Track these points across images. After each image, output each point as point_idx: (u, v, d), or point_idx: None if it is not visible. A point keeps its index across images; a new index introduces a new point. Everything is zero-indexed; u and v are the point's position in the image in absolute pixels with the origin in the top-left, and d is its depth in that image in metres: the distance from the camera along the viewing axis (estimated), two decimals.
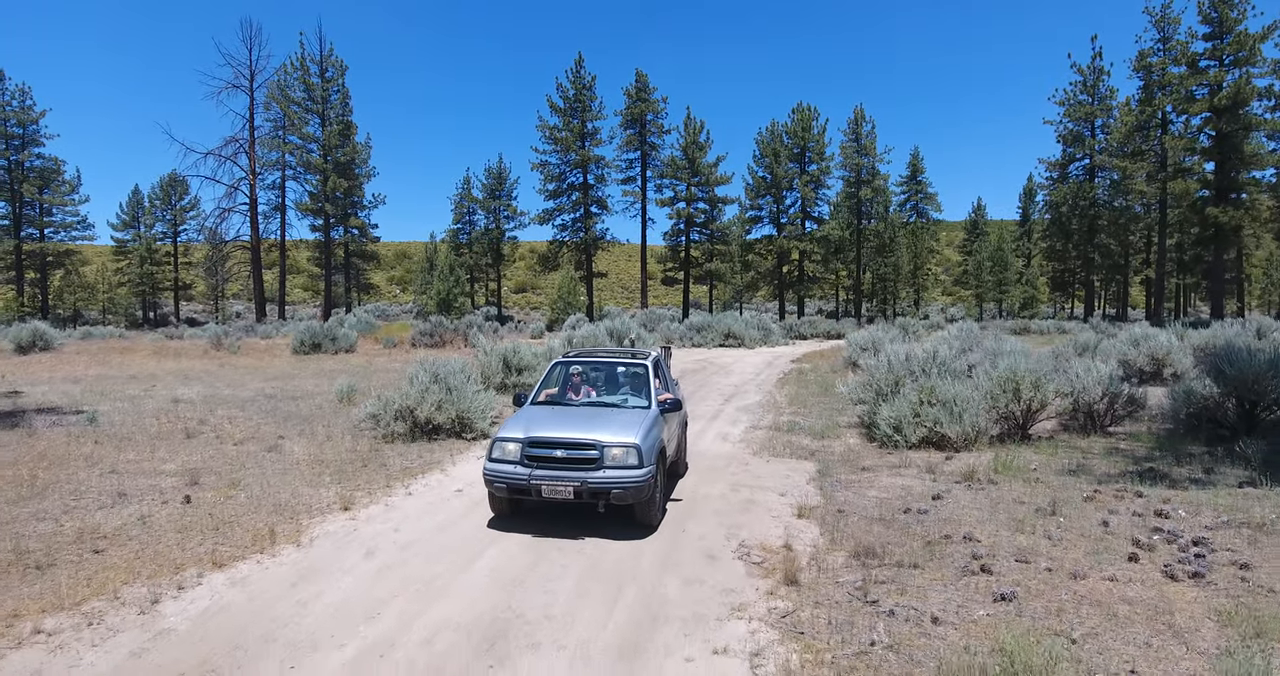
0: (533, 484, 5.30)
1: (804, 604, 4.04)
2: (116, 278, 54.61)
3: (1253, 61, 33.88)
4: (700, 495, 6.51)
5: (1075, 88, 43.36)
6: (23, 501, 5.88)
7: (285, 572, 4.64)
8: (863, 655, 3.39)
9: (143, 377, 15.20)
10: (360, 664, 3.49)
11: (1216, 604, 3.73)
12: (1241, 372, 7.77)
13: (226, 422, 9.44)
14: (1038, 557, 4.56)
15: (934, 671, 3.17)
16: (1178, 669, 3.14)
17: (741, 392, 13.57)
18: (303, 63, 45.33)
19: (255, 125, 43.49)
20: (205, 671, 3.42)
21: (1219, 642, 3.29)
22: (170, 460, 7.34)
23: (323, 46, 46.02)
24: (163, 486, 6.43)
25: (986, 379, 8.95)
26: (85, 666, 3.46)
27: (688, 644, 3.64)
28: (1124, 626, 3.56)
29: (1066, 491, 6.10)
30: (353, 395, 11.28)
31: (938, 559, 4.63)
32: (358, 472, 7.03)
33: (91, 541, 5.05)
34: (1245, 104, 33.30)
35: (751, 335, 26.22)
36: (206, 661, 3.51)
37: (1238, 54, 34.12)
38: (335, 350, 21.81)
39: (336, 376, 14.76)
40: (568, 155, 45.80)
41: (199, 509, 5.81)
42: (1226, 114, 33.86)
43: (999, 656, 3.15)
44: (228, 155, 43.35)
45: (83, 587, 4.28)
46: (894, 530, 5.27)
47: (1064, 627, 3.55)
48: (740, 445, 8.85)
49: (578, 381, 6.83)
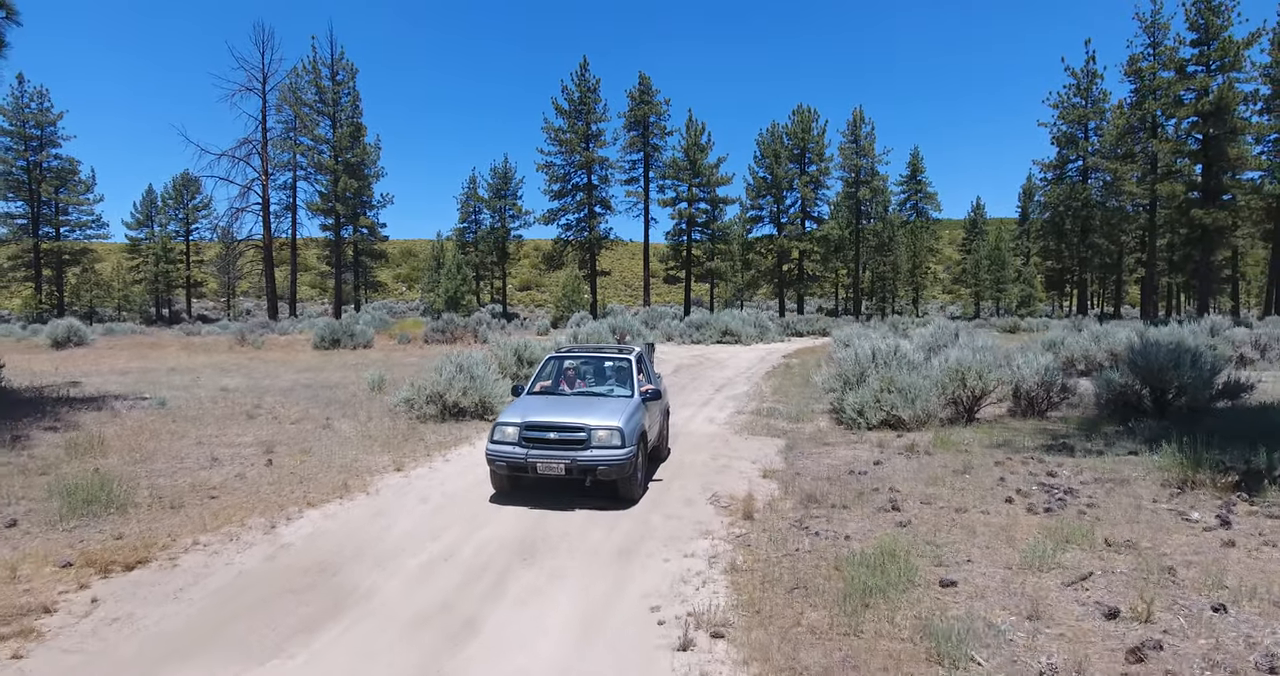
0: (529, 461, 6.17)
1: (754, 530, 5.49)
2: (131, 275, 56.26)
3: (1238, 67, 35.15)
4: (686, 462, 7.97)
5: (1069, 90, 44.67)
6: (138, 464, 7.36)
7: (362, 511, 6.12)
8: (788, 556, 4.84)
9: (182, 370, 16.70)
10: (432, 565, 4.95)
11: (1050, 526, 5.16)
12: (1149, 364, 9.18)
13: (278, 407, 10.92)
14: (938, 501, 6.01)
15: (833, 560, 4.62)
16: (999, 557, 4.59)
17: (731, 384, 15.03)
18: (314, 66, 46.76)
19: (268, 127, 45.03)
20: (321, 568, 4.89)
21: (1035, 545, 4.72)
22: (244, 435, 8.84)
23: (333, 50, 47.45)
24: (245, 454, 7.91)
25: (939, 370, 10.39)
26: (237, 564, 4.93)
27: (666, 551, 5.10)
28: (977, 537, 5.00)
29: (984, 459, 7.53)
30: (382, 385, 12.76)
31: (862, 502, 6.08)
32: (401, 444, 8.52)
33: (205, 491, 6.53)
34: (1230, 109, 34.55)
35: (748, 332, 27.66)
36: (320, 562, 4.98)
37: (1223, 59, 35.36)
38: (354, 346, 23.31)
39: (361, 369, 16.25)
40: (572, 156, 47.26)
41: (281, 469, 7.29)
42: (1213, 118, 35.12)
43: (879, 552, 4.60)
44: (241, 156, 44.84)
45: (214, 519, 5.75)
46: (835, 485, 6.71)
47: (935, 539, 5.00)
48: (724, 426, 10.31)
49: (570, 374, 7.85)
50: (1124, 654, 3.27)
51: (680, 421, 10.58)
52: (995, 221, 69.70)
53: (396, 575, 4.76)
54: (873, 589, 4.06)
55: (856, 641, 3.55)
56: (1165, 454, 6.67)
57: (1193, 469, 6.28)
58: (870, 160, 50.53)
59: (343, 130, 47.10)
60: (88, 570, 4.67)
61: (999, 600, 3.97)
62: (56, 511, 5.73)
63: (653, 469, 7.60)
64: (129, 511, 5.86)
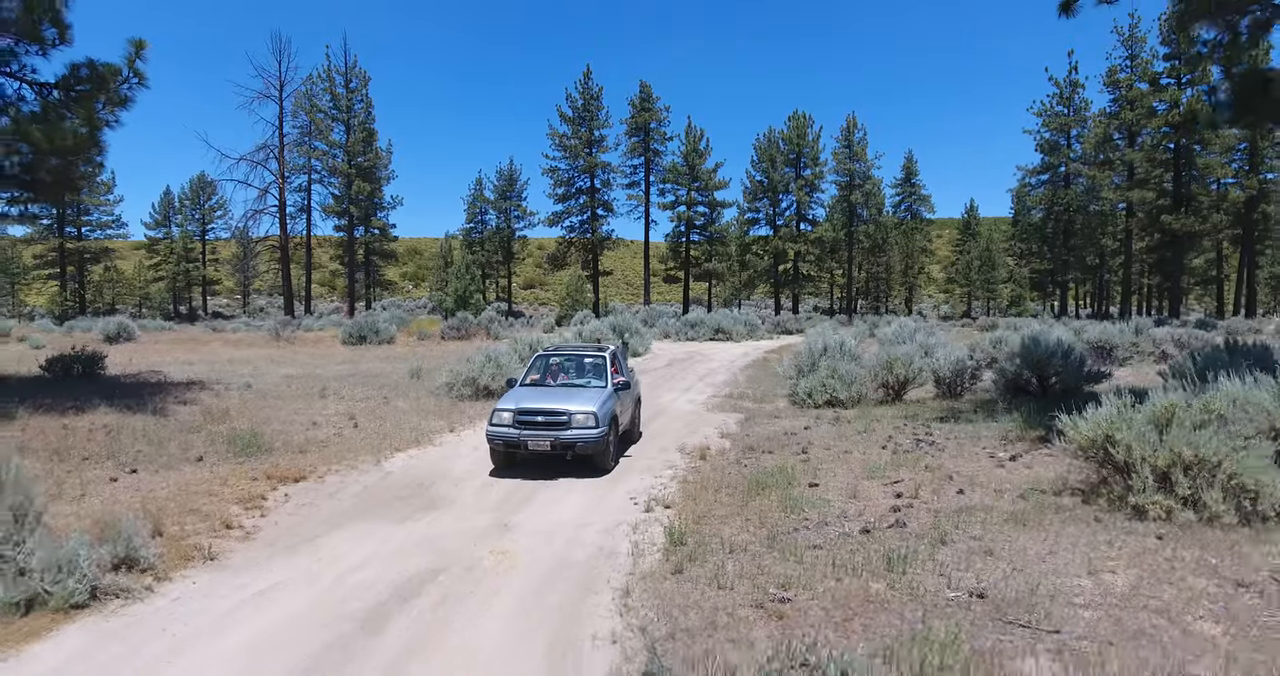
0: (521, 440, 7.73)
1: (705, 465, 8.19)
2: (150, 273, 59.20)
3: (1205, 80, 37.67)
4: (665, 428, 10.68)
5: (1052, 99, 47.22)
6: (260, 426, 10.09)
7: (433, 454, 8.85)
8: (721, 475, 7.54)
9: (238, 361, 19.46)
10: (488, 485, 7.67)
11: (897, 459, 7.84)
12: (1034, 357, 11.84)
13: (341, 390, 13.66)
14: (835, 448, 8.70)
15: (749, 476, 7.32)
16: (853, 473, 7.28)
17: (714, 374, 17.75)
18: (329, 74, 49.50)
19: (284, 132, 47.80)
20: (417, 485, 7.60)
21: (879, 467, 7.40)
22: (326, 408, 11.58)
23: (347, 58, 50.22)
24: (334, 420, 10.65)
25: (873, 361, 13.08)
26: (361, 482, 7.66)
27: (644, 475, 7.82)
28: (846, 465, 7.70)
29: (888, 426, 10.21)
30: (420, 374, 15.48)
31: (783, 449, 8.78)
32: (449, 414, 11.25)
33: (317, 443, 9.26)
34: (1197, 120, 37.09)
35: (738, 330, 30.37)
36: (414, 482, 7.70)
37: (1192, 73, 37.90)
38: (378, 341, 26.06)
39: (394, 362, 18.99)
40: (576, 161, 49.99)
41: (366, 430, 10.03)
42: (1182, 128, 37.71)
43: (778, 470, 7.30)
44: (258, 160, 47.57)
45: (334, 458, 8.48)
46: (771, 441, 9.41)
47: (819, 466, 7.70)
48: (700, 405, 13.03)
49: (555, 369, 9.51)
50: (890, 508, 5.97)
51: (666, 402, 13.30)
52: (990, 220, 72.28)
53: (465, 490, 7.48)
54: (765, 486, 6.76)
55: (744, 507, 6.26)
56: (1009, 420, 9.35)
57: (1021, 428, 8.98)
58: (864, 165, 53.18)
59: (356, 135, 49.87)
60: (270, 481, 7.40)
61: (837, 491, 6.67)
62: (225, 452, 8.47)
63: (624, 448, 9.14)
64: (272, 453, 8.60)
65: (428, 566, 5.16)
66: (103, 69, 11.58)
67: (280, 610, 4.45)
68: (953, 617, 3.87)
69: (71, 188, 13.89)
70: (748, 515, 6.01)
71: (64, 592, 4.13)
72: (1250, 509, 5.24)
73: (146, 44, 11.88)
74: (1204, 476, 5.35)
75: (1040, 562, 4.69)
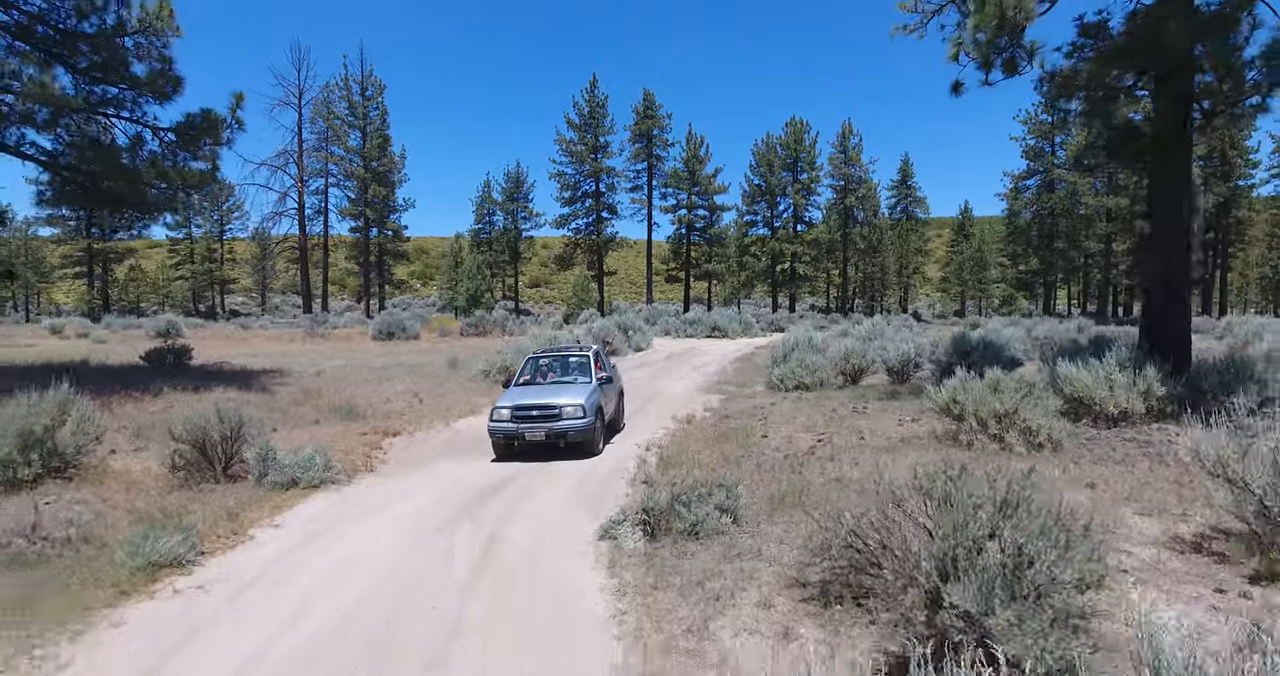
0: (519, 432, 9.13)
1: (690, 426, 11.25)
2: (172, 273, 62.48)
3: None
4: (663, 406, 13.76)
5: (1037, 108, 50.09)
6: (348, 401, 13.17)
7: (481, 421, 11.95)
8: (700, 431, 10.61)
9: (289, 354, 22.56)
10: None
11: (828, 419, 10.89)
12: (959, 347, 14.87)
13: (396, 376, 16.75)
14: (789, 416, 11.74)
15: (719, 431, 10.38)
16: (795, 428, 10.33)
17: (706, 366, 20.83)
18: (346, 82, 52.56)
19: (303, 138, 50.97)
20: (480, 438, 10.65)
21: (814, 424, 10.43)
22: (391, 389, 14.66)
23: (363, 67, 53.29)
24: (402, 397, 13.74)
25: (834, 353, 16.12)
26: (439, 437, 10.77)
27: (643, 432, 10.91)
28: (791, 425, 10.76)
29: (835, 402, 13.23)
30: (456, 363, 18.56)
31: (749, 416, 11.82)
32: (490, 394, 14.32)
33: (395, 413, 12.34)
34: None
35: (733, 328, 33.44)
36: (479, 437, 10.74)
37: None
38: (405, 337, 29.17)
39: (426, 355, 22.08)
40: (582, 166, 53.06)
41: (429, 404, 13.11)
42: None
43: (741, 427, 10.36)
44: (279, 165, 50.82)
45: (413, 422, 11.57)
46: (743, 413, 12.45)
47: (772, 425, 10.76)
48: (692, 389, 16.10)
49: (544, 369, 11.10)
50: (810, 447, 9.03)
51: (663, 387, 16.37)
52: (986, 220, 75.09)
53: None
54: (730, 436, 9.83)
55: (713, 447, 9.31)
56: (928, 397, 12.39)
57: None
58: (859, 169, 56.15)
59: (372, 141, 52.95)
60: (377, 435, 10.49)
61: (779, 438, 9.73)
62: (333, 418, 11.56)
63: (610, 435, 10.69)
64: (366, 419, 11.69)
65: (506, 476, 8.24)
66: (213, 117, 14.67)
67: (424, 495, 7.53)
68: (819, 486, 6.92)
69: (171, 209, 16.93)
70: (714, 450, 9.07)
71: (308, 479, 7.24)
72: (1033, 442, 8.28)
73: (244, 96, 14.93)
74: (1007, 422, 8.40)
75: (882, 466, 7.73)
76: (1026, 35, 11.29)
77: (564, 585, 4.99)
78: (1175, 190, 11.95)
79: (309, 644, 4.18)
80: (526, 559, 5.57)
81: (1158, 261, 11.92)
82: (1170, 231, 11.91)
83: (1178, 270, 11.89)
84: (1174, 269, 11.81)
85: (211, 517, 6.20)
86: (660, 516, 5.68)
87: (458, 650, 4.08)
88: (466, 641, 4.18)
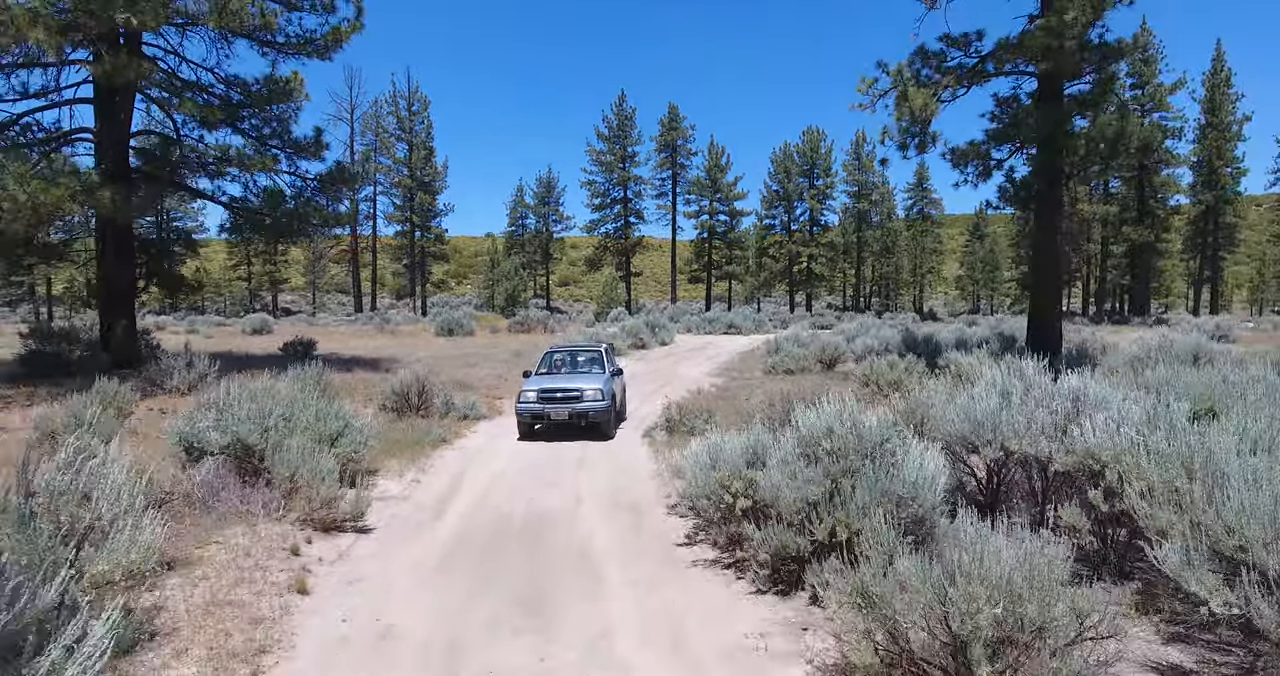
0: (545, 411, 11.16)
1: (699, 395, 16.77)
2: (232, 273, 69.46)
3: (1164, 108, 44.99)
4: (680, 384, 19.31)
5: None
6: (459, 377, 18.89)
7: None
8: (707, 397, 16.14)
9: (383, 347, 28.44)
10: None
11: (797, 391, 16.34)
12: (911, 338, 20.16)
13: (478, 362, 22.49)
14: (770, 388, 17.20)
15: (720, 396, 15.90)
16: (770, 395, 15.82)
17: (719, 356, 26.32)
18: (394, 99, 58.74)
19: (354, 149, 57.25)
20: None
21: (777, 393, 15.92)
22: (480, 371, 20.39)
23: (410, 85, 59.40)
24: (491, 378, 19.45)
25: (815, 346, 21.54)
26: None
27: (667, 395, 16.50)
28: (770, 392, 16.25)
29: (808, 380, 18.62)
30: (520, 353, 24.25)
31: (743, 390, 17.32)
32: None
33: (495, 387, 18.06)
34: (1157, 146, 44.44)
35: (747, 326, 38.85)
36: None
37: (1153, 101, 45.24)
38: (462, 333, 35.01)
39: (489, 347, 27.85)
40: (611, 175, 58.73)
41: (512, 381, 18.76)
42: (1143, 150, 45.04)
43: (733, 394, 15.87)
44: None
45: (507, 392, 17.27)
46: (738, 387, 17.94)
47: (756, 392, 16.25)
48: (703, 374, 21.63)
49: (560, 362, 13.55)
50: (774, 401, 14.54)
51: (682, 372, 21.91)
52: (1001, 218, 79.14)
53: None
54: (725, 399, 15.34)
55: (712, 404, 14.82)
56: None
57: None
58: (872, 176, 61.04)
59: (418, 153, 59.09)
60: (490, 399, 16.21)
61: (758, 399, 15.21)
62: (453, 388, 17.29)
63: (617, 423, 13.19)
64: (476, 390, 17.38)
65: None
66: (347, 170, 20.53)
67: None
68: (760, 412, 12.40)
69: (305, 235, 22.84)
70: (712, 405, 14.58)
71: (475, 414, 12.96)
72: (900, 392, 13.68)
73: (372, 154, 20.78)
74: (886, 381, 13.81)
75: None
76: (933, 125, 16.57)
77: (624, 454, 10.57)
78: (1049, 231, 17.22)
79: (514, 469, 9.84)
80: (603, 447, 11.17)
81: (1036, 284, 17.23)
82: (1046, 263, 17.22)
83: (1050, 292, 17.21)
84: (1046, 290, 17.12)
85: (440, 431, 11.91)
86: (674, 425, 11.23)
87: (577, 473, 9.71)
88: (582, 470, 9.80)
